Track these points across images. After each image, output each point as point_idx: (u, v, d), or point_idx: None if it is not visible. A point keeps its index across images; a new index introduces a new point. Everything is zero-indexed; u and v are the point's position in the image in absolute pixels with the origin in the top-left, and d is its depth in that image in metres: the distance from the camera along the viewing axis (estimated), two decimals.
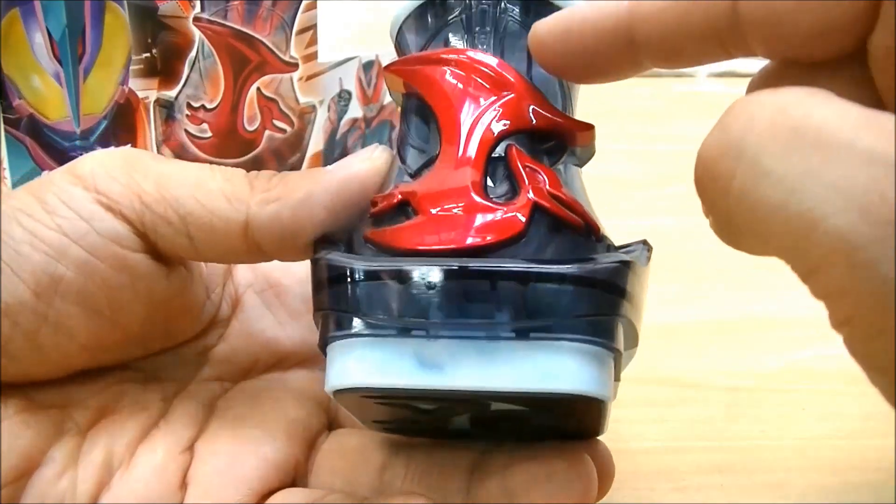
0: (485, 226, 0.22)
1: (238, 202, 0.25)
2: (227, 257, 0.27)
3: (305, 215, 0.25)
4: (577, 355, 0.22)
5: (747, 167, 0.17)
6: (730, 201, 0.17)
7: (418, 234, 0.23)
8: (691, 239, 0.42)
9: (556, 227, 0.23)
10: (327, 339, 0.23)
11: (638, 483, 0.31)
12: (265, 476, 0.26)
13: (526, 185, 0.23)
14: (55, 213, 0.25)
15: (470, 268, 0.21)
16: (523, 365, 0.22)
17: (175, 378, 0.29)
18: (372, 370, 0.22)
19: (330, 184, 0.25)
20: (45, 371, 0.26)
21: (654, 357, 0.37)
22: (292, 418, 0.28)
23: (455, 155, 0.24)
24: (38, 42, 0.36)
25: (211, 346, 0.29)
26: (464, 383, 0.22)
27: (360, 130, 0.46)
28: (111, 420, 0.27)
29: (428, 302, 0.21)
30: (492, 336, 0.22)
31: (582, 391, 0.22)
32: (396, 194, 0.24)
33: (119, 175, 0.25)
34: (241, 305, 0.30)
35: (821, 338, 0.38)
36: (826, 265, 0.16)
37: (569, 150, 0.25)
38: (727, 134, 0.18)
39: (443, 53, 0.25)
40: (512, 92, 0.24)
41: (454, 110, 0.24)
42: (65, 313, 0.25)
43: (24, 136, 0.37)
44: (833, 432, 0.34)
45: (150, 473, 0.26)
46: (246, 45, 0.40)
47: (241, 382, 0.29)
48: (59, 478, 0.25)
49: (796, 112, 0.17)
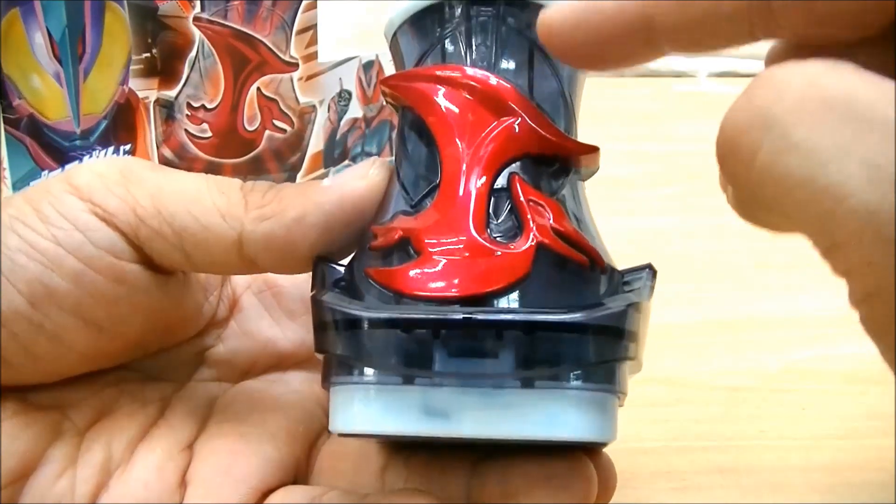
0: (488, 270, 0.22)
1: (232, 219, 0.25)
2: (223, 270, 0.27)
3: (299, 235, 0.25)
4: (582, 403, 0.22)
5: (775, 139, 0.16)
6: (753, 174, 0.17)
7: (420, 277, 0.22)
8: (691, 239, 0.42)
9: (560, 265, 0.23)
10: (331, 381, 0.23)
11: (638, 483, 0.31)
12: (265, 475, 0.26)
13: (529, 225, 0.23)
14: (50, 223, 0.25)
15: (475, 319, 0.21)
16: (528, 413, 0.22)
17: (173, 378, 0.29)
18: (377, 418, 0.22)
19: (325, 203, 0.25)
20: (41, 378, 0.26)
21: (654, 357, 0.37)
22: (293, 419, 0.28)
23: (456, 188, 0.23)
24: (38, 42, 0.36)
25: (209, 346, 0.29)
26: (469, 432, 0.22)
27: (360, 130, 0.46)
28: (109, 420, 0.27)
29: (432, 351, 0.21)
30: (497, 385, 0.22)
31: (586, 438, 0.22)
32: (398, 230, 0.23)
33: (115, 187, 0.25)
34: (239, 306, 0.30)
35: (821, 338, 0.38)
36: (853, 240, 0.16)
37: (573, 170, 0.25)
38: (753, 105, 0.17)
39: (441, 70, 0.24)
40: (513, 116, 0.24)
41: (453, 137, 0.24)
42: (61, 324, 0.25)
43: (24, 136, 0.37)
44: (833, 432, 0.33)
45: (148, 473, 0.26)
46: (246, 45, 0.40)
47: (240, 383, 0.29)
48: (57, 479, 0.25)
49: (827, 83, 0.16)
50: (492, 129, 0.24)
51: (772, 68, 0.17)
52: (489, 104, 0.24)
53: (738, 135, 0.17)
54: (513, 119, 0.24)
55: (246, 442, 0.27)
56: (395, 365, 0.22)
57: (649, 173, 0.48)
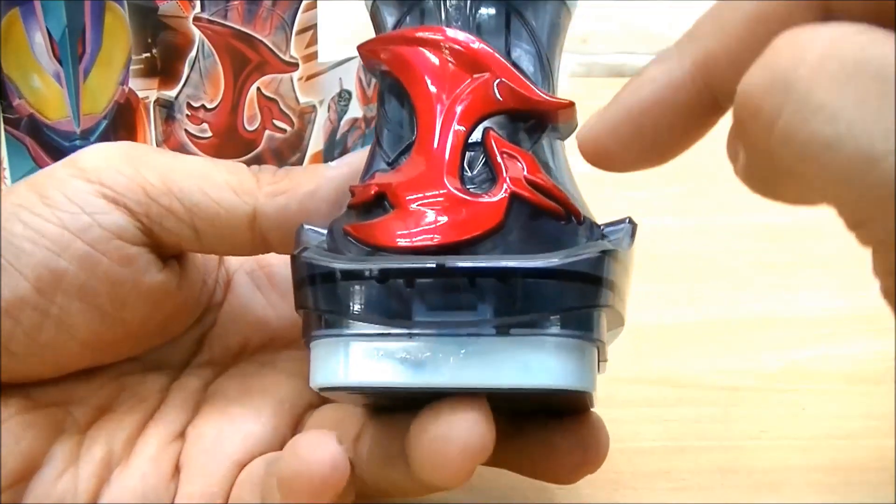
0: (462, 219, 0.22)
1: (246, 194, 0.26)
2: (231, 250, 0.27)
3: (313, 208, 0.26)
4: (558, 350, 0.22)
5: (797, 102, 0.15)
6: (773, 140, 0.16)
7: (396, 229, 0.23)
8: (691, 239, 0.42)
9: (535, 215, 0.23)
10: (310, 337, 0.24)
11: (638, 483, 0.31)
12: (247, 448, 0.27)
13: (503, 174, 0.23)
14: (56, 208, 0.25)
15: (448, 266, 0.21)
16: (505, 361, 0.22)
17: (172, 365, 0.29)
18: (355, 370, 0.22)
19: (336, 178, 0.26)
20: (43, 371, 0.26)
21: (654, 357, 0.37)
22: (280, 398, 0.28)
23: (431, 142, 0.24)
24: (38, 42, 0.36)
25: (207, 330, 0.30)
26: (446, 381, 0.22)
27: (361, 130, 0.46)
28: (110, 416, 0.27)
29: (408, 300, 0.22)
30: (473, 333, 0.22)
31: (564, 385, 0.22)
32: (373, 186, 0.24)
33: (123, 167, 0.25)
34: (232, 286, 0.30)
35: (821, 338, 0.38)
36: (883, 207, 0.15)
37: (549, 126, 0.25)
38: (773, 67, 0.16)
39: (417, 32, 0.25)
40: (487, 71, 0.24)
41: (429, 94, 0.24)
42: (67, 309, 0.25)
43: (24, 136, 0.37)
44: (833, 432, 0.33)
45: (145, 466, 0.26)
46: (246, 45, 0.40)
47: (232, 367, 0.29)
48: (59, 477, 0.25)
49: (849, 44, 0.15)
50: (466, 85, 0.24)
51: (790, 31, 0.16)
52: (463, 62, 0.24)
53: (757, 99, 0.16)
54: (487, 76, 0.24)
55: (231, 421, 0.27)
56: (370, 316, 0.22)
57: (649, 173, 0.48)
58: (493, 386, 0.22)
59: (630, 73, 0.21)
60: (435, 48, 0.24)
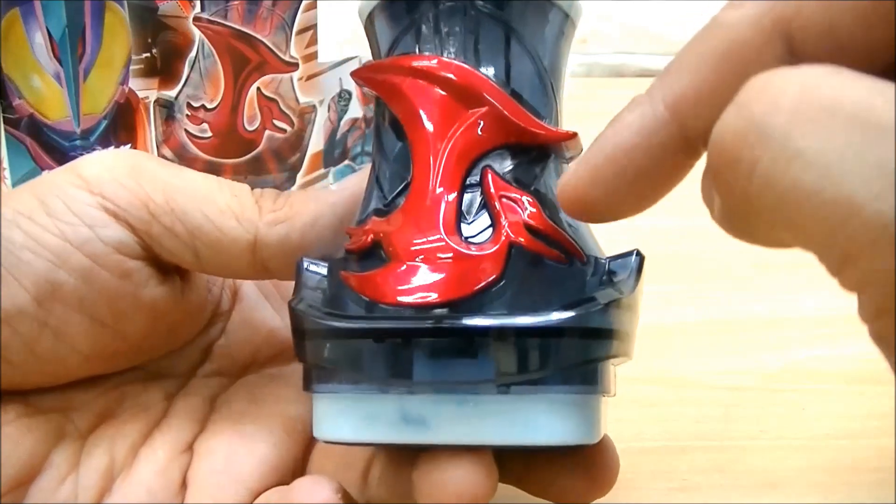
0: (460, 274, 0.22)
1: (247, 222, 0.25)
2: (230, 273, 0.27)
3: (314, 237, 0.25)
4: (560, 406, 0.22)
5: (774, 149, 0.15)
6: (752, 188, 0.16)
7: (394, 284, 0.22)
8: (691, 239, 0.42)
9: (535, 262, 0.22)
10: (311, 388, 0.23)
11: (638, 483, 0.31)
12: (262, 475, 0.26)
13: (501, 223, 0.22)
14: (58, 218, 0.24)
15: (444, 327, 0.21)
16: (504, 419, 0.21)
17: (177, 374, 0.29)
18: (356, 427, 0.22)
19: (336, 205, 0.26)
20: (43, 379, 0.26)
21: (654, 357, 0.37)
22: (291, 415, 0.28)
23: (427, 186, 0.23)
24: (38, 42, 0.36)
25: (213, 340, 0.29)
26: (445, 439, 0.22)
27: (360, 130, 0.46)
28: (112, 424, 0.27)
29: (406, 360, 0.21)
30: (472, 392, 0.21)
31: (566, 442, 0.22)
32: (369, 233, 0.23)
33: (126, 181, 0.25)
34: (240, 297, 0.30)
35: (821, 338, 0.38)
36: (867, 251, 0.15)
37: (553, 156, 0.24)
38: (748, 113, 0.16)
39: (413, 61, 0.24)
40: (484, 106, 0.23)
41: (425, 132, 0.23)
42: (66, 321, 0.24)
43: (24, 136, 0.37)
44: (833, 432, 0.33)
45: (151, 476, 0.26)
46: (246, 45, 0.40)
47: (241, 378, 0.29)
48: (60, 484, 0.25)
49: (827, 88, 0.15)
50: (462, 121, 0.23)
51: (762, 75, 0.16)
52: (459, 95, 0.23)
53: (733, 147, 0.16)
54: (484, 109, 0.23)
55: (244, 441, 0.27)
56: (369, 374, 0.22)
57: None
58: (493, 444, 0.22)
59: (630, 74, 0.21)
60: (430, 79, 0.23)
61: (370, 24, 0.25)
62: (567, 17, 0.25)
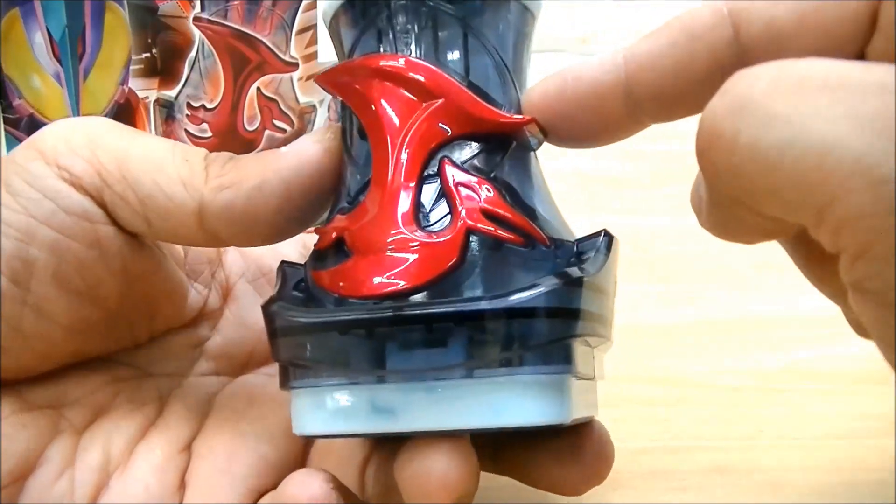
0: (420, 262, 0.22)
1: (192, 188, 0.25)
2: (182, 240, 0.26)
3: (260, 203, 0.25)
4: (528, 388, 0.21)
5: (754, 117, 0.17)
6: (736, 158, 0.17)
7: (357, 278, 0.22)
8: (690, 239, 0.42)
9: (496, 247, 0.22)
10: (287, 385, 0.24)
11: (638, 483, 0.31)
12: (262, 475, 0.26)
13: (458, 209, 0.22)
14: (20, 195, 0.24)
15: (403, 315, 0.21)
16: (472, 403, 0.21)
17: (169, 373, 0.29)
18: (329, 420, 0.23)
19: (283, 170, 0.25)
20: (33, 361, 0.26)
21: (654, 357, 0.37)
22: (289, 415, 0.28)
23: (385, 180, 0.23)
24: (38, 42, 0.36)
25: (204, 338, 0.29)
26: (418, 426, 0.22)
27: None
28: (106, 420, 0.27)
29: (370, 351, 0.21)
30: (439, 378, 0.21)
31: (535, 423, 0.22)
32: (332, 231, 0.24)
33: (80, 149, 0.25)
34: (233, 295, 0.30)
35: (821, 338, 0.38)
36: (842, 192, 0.16)
37: (514, 144, 0.24)
38: (730, 94, 0.17)
39: (367, 61, 0.24)
40: (441, 97, 0.23)
41: (381, 127, 0.23)
42: (43, 296, 0.24)
43: (24, 136, 0.37)
44: (833, 432, 0.33)
45: (149, 474, 0.26)
46: (246, 45, 0.40)
47: (238, 378, 0.29)
48: (56, 479, 0.25)
49: (802, 65, 0.17)
50: (417, 115, 0.23)
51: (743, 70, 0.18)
52: (415, 90, 0.23)
53: (718, 122, 0.18)
54: (439, 102, 0.23)
55: (243, 441, 0.27)
56: (336, 367, 0.22)
57: (647, 173, 0.48)
58: (465, 428, 0.22)
59: None
60: (386, 77, 0.24)
61: (334, 27, 0.26)
62: (527, 10, 0.25)
